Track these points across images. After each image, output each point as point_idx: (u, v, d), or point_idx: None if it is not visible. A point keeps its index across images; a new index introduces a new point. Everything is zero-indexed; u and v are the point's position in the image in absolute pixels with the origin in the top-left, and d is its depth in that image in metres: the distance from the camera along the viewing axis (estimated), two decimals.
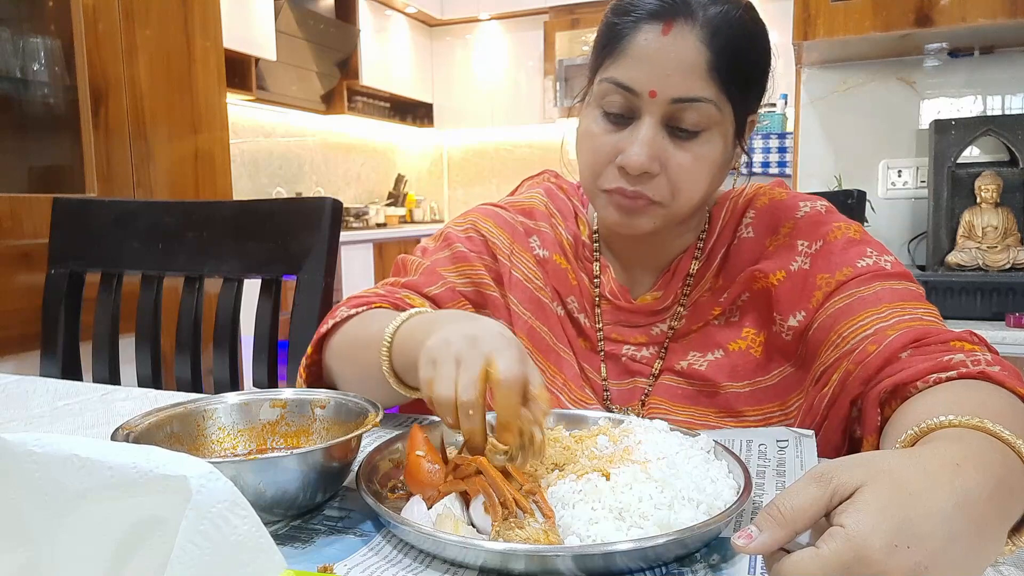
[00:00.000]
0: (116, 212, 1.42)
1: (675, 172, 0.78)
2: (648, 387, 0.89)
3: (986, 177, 1.84)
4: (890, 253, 0.83)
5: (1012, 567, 0.51)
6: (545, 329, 0.91)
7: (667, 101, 0.76)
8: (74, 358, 1.43)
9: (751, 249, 0.87)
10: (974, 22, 1.72)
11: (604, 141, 0.80)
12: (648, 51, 0.76)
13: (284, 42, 4.46)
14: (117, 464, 0.33)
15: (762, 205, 0.89)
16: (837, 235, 0.83)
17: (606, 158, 0.80)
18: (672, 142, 0.78)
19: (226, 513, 0.32)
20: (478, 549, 0.51)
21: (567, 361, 0.91)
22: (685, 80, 0.75)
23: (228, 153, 2.01)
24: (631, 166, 0.77)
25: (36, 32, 1.75)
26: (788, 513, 0.43)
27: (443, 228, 0.98)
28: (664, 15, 0.75)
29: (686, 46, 0.75)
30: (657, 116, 0.77)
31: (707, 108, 0.76)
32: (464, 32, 6.26)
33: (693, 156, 0.78)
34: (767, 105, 4.49)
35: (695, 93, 0.75)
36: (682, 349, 0.88)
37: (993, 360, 0.67)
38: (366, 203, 5.50)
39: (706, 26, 0.75)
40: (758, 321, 0.86)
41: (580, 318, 0.92)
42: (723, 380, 0.85)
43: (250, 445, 0.71)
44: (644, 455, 0.63)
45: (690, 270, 0.89)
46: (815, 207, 0.87)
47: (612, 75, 0.78)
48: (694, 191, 0.80)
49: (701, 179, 0.79)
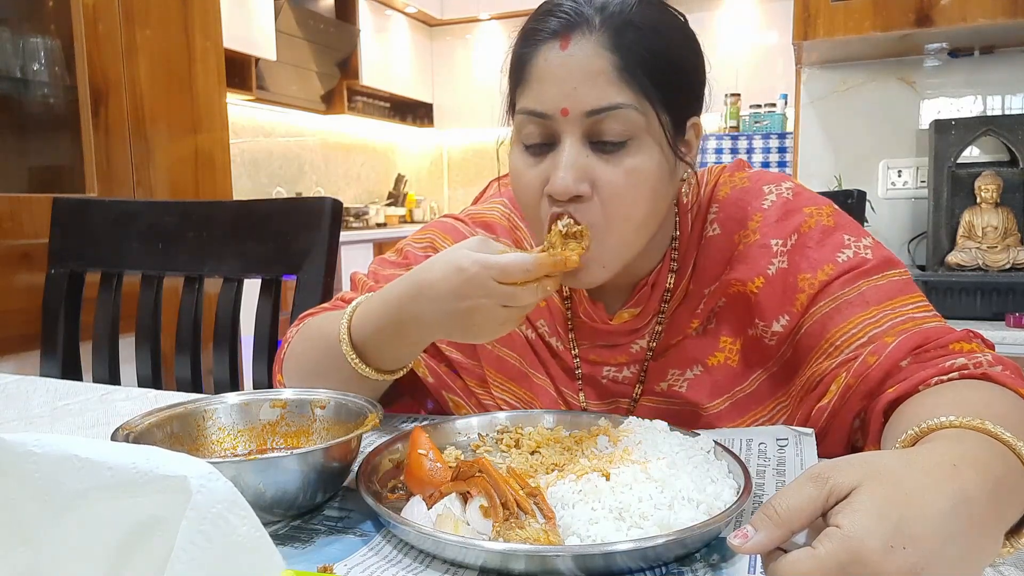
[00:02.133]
0: (116, 212, 1.42)
1: (607, 191, 0.72)
2: (630, 410, 0.86)
3: (986, 177, 1.84)
4: (867, 235, 0.81)
5: (1012, 567, 0.51)
6: (513, 355, 0.89)
7: (582, 116, 0.70)
8: (74, 358, 1.43)
9: (719, 248, 0.83)
10: (974, 22, 1.72)
11: (531, 176, 0.75)
12: (551, 70, 0.71)
13: (284, 42, 4.47)
14: (117, 464, 0.33)
15: (724, 196, 0.85)
16: (811, 224, 0.80)
17: (536, 192, 0.74)
18: (599, 159, 0.72)
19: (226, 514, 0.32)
20: (478, 549, 0.51)
21: (540, 386, 0.88)
22: (594, 89, 0.70)
23: (228, 153, 2.02)
24: (557, 191, 0.71)
25: (36, 32, 1.75)
26: (784, 513, 0.43)
27: (402, 243, 0.96)
28: (562, 31, 0.71)
29: (588, 55, 0.70)
30: (576, 135, 0.71)
31: (627, 114, 0.70)
32: (464, 32, 6.26)
33: (624, 170, 0.71)
34: (767, 105, 4.47)
35: (609, 100, 0.70)
36: (661, 368, 0.85)
37: (995, 360, 0.66)
38: (366, 203, 5.49)
39: (605, 30, 0.70)
40: (734, 328, 0.83)
41: (552, 341, 0.88)
42: (704, 400, 0.82)
43: (250, 445, 0.71)
44: (644, 455, 0.63)
45: (668, 284, 0.84)
46: (781, 192, 0.83)
47: (524, 105, 0.74)
48: (632, 210, 0.73)
49: (637, 196, 0.72)
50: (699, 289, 0.84)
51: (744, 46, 5.11)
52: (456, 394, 0.90)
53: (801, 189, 0.85)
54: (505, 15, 6.00)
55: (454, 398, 0.90)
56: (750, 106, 4.28)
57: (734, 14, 5.23)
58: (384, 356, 0.77)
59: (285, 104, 4.74)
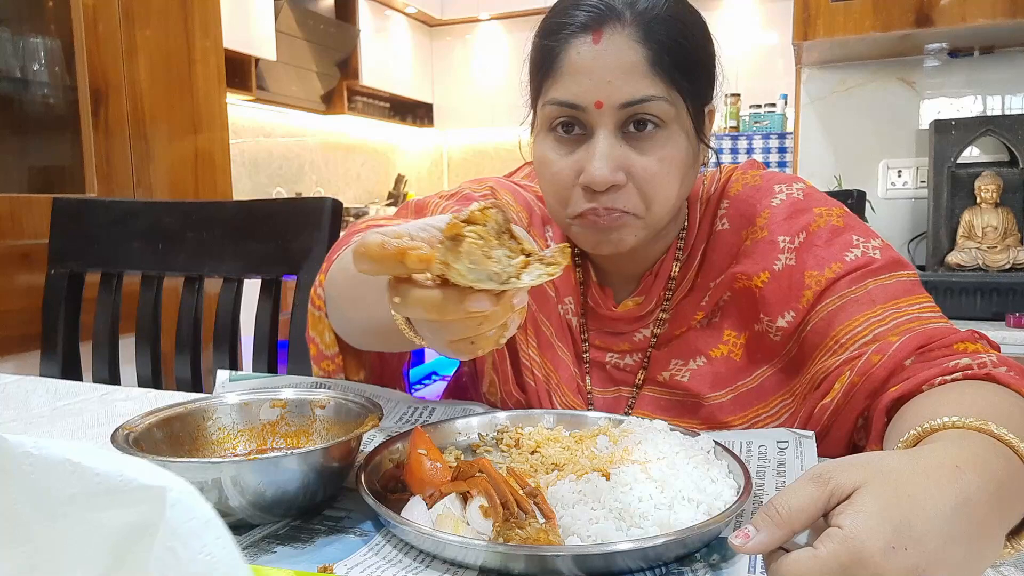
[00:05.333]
0: (116, 212, 1.42)
1: (642, 178, 0.75)
2: (632, 397, 0.87)
3: (986, 177, 1.84)
4: (877, 236, 0.81)
5: (1013, 568, 0.51)
6: (548, 324, 0.90)
7: (616, 108, 0.73)
8: (74, 358, 1.43)
9: (728, 242, 0.85)
10: (974, 22, 1.72)
11: (563, 165, 0.77)
12: (584, 63, 0.74)
13: (284, 42, 4.46)
14: (105, 471, 0.33)
15: (735, 193, 0.86)
16: (820, 223, 0.81)
17: (569, 182, 0.77)
18: (632, 149, 0.75)
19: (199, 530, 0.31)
20: (478, 549, 0.51)
21: (563, 362, 0.89)
22: (628, 83, 0.73)
23: (228, 153, 2.01)
24: (596, 182, 0.74)
25: (36, 32, 1.75)
26: (786, 513, 0.43)
27: (459, 187, 0.96)
28: (592, 24, 0.73)
29: (621, 49, 0.73)
30: (610, 126, 0.74)
31: (659, 105, 0.74)
32: (464, 32, 6.26)
33: (657, 159, 0.75)
34: (767, 105, 4.46)
35: (642, 93, 0.73)
36: (664, 358, 0.86)
37: (999, 360, 0.66)
38: (366, 203, 5.50)
39: (637, 24, 0.73)
40: (739, 322, 0.84)
41: (573, 321, 0.90)
42: (706, 391, 0.83)
43: (250, 445, 0.71)
44: (644, 455, 0.63)
45: (672, 272, 0.86)
46: (792, 192, 0.84)
47: (554, 96, 0.76)
48: (666, 195, 0.76)
49: (671, 181, 0.76)
50: (705, 282, 0.85)
51: (744, 46, 5.11)
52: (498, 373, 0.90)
53: (812, 190, 0.86)
54: (505, 15, 6.00)
55: (493, 375, 0.91)
56: (750, 106, 4.28)
57: (734, 14, 5.23)
58: None
59: (285, 104, 4.74)
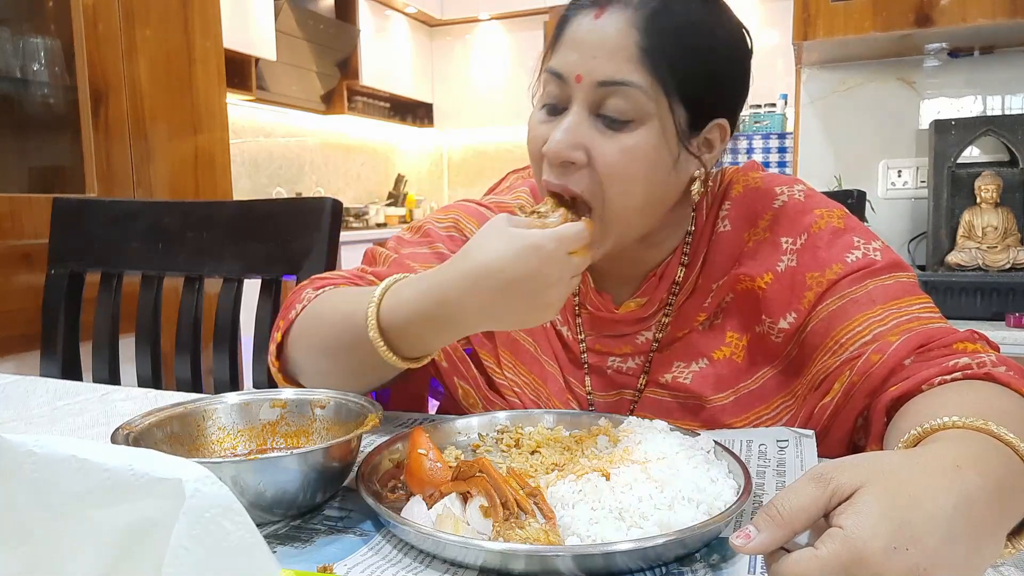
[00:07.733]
0: (116, 212, 1.42)
1: (600, 164, 0.72)
2: (634, 400, 0.87)
3: (986, 177, 1.84)
4: (877, 238, 0.81)
5: (1013, 568, 0.51)
6: (529, 340, 0.89)
7: (593, 85, 0.72)
8: (74, 358, 1.43)
9: (730, 243, 0.84)
10: (974, 22, 1.72)
11: (537, 133, 0.76)
12: (579, 36, 0.73)
13: (284, 42, 4.46)
14: (113, 467, 0.33)
15: (737, 194, 0.85)
16: (821, 225, 0.81)
17: (538, 152, 0.76)
18: (599, 132, 0.73)
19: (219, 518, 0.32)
20: (478, 549, 0.51)
21: (551, 374, 0.88)
22: (610, 62, 0.71)
23: (228, 153, 2.01)
24: (549, 153, 0.73)
25: (36, 32, 1.75)
26: (787, 513, 0.43)
27: (422, 221, 0.94)
28: (601, 1, 0.73)
29: (615, 28, 0.71)
30: (584, 103, 0.73)
31: (634, 94, 0.71)
32: (464, 32, 6.26)
33: (621, 148, 0.72)
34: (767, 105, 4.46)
35: (621, 76, 0.71)
36: (666, 360, 0.85)
37: (998, 360, 0.66)
38: (366, 203, 5.49)
39: (639, 9, 0.71)
40: (742, 324, 0.83)
41: (563, 331, 0.89)
42: (708, 393, 0.82)
43: (250, 445, 0.71)
44: (644, 455, 0.63)
45: (676, 277, 0.85)
46: (793, 193, 0.84)
47: (549, 64, 0.76)
48: (624, 190, 0.73)
49: (631, 176, 0.73)
50: (707, 283, 0.84)
51: None
52: (467, 382, 0.89)
53: (813, 192, 0.86)
54: (505, 15, 6.00)
55: (464, 385, 0.89)
56: (750, 106, 4.27)
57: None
58: (414, 344, 0.73)
59: (285, 104, 4.74)
